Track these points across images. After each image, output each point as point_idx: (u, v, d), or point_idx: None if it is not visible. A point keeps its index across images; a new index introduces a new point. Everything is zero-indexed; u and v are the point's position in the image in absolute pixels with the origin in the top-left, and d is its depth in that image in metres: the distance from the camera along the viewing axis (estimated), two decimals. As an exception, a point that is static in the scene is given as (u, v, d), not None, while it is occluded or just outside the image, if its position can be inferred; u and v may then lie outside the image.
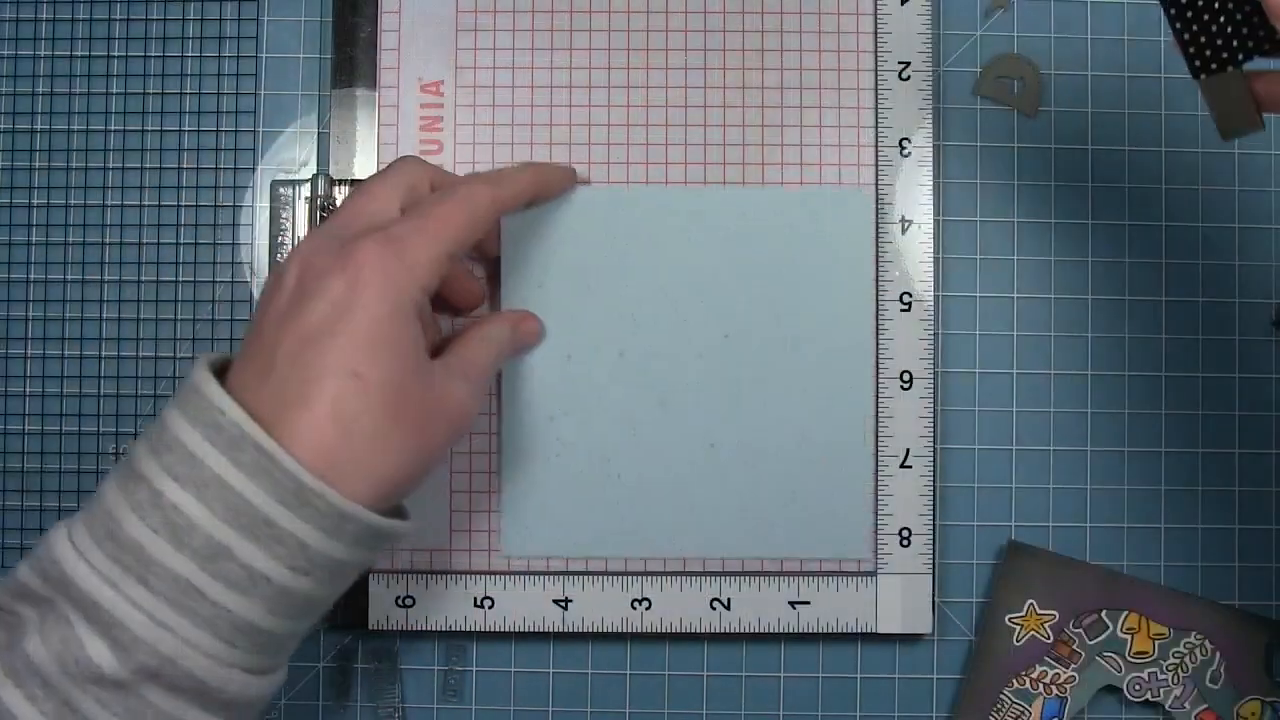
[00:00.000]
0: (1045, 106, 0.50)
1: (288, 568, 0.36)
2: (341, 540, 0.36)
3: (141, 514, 0.35)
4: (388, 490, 0.37)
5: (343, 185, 0.49)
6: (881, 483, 0.48)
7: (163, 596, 0.35)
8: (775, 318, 0.48)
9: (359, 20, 0.49)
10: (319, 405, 0.36)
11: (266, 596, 0.36)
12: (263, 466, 0.35)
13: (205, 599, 0.35)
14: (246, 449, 0.35)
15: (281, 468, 0.35)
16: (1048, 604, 0.48)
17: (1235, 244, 0.50)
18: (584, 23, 0.49)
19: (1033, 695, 0.48)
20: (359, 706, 0.49)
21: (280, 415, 0.36)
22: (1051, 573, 0.48)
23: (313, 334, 0.37)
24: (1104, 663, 0.48)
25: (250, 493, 0.35)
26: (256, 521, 0.35)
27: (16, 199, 0.50)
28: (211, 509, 0.35)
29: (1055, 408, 0.50)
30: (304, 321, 0.37)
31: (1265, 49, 0.38)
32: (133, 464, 0.36)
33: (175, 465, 0.35)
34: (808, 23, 0.49)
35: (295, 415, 0.36)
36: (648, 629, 0.48)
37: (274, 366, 0.37)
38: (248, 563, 0.35)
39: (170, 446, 0.36)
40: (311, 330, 0.37)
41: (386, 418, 0.37)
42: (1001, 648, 0.48)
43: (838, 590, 0.48)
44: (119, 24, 0.50)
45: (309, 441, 0.36)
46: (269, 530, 0.35)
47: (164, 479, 0.35)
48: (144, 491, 0.35)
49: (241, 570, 0.35)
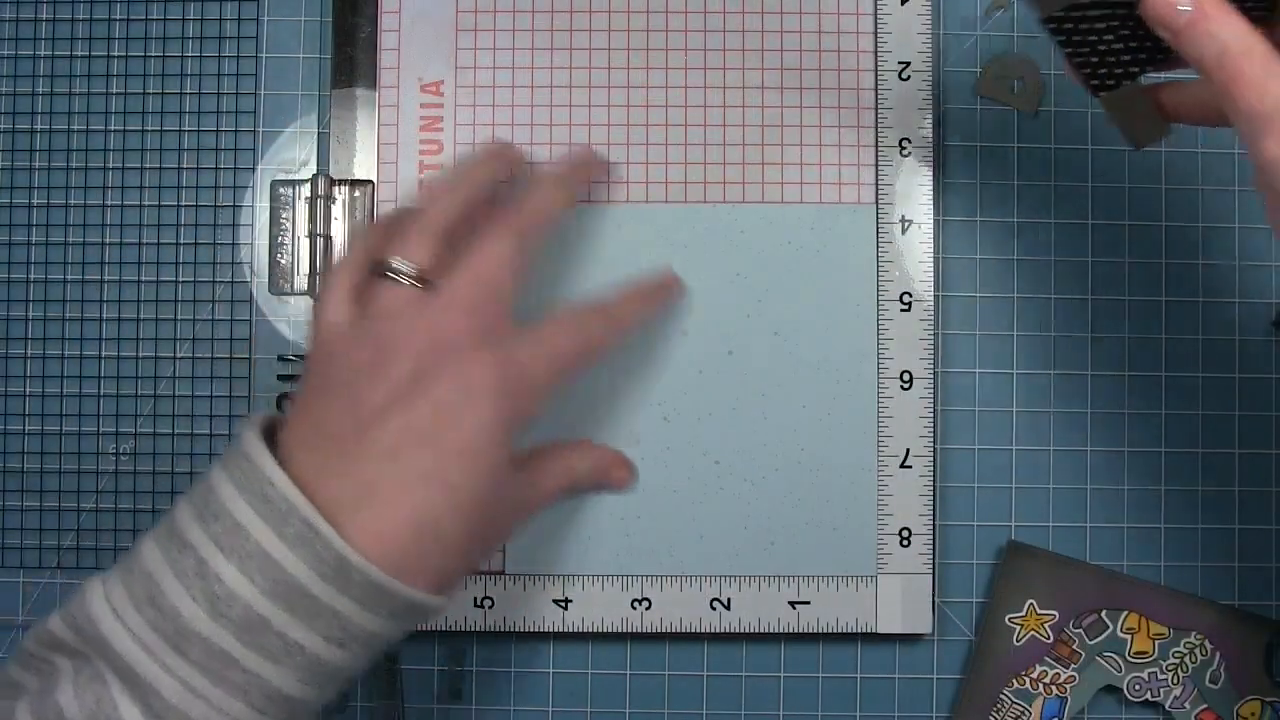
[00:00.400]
0: (1045, 106, 0.50)
1: (324, 639, 0.35)
2: (379, 614, 0.36)
3: (185, 582, 0.35)
4: (441, 585, 0.38)
5: (342, 185, 0.49)
6: (881, 483, 0.48)
7: (198, 665, 0.35)
8: (777, 334, 0.48)
9: (359, 20, 0.49)
10: (402, 508, 0.36)
11: (300, 666, 0.35)
12: (307, 539, 0.35)
13: (240, 667, 0.35)
14: (293, 522, 0.35)
15: (327, 544, 0.35)
16: (1048, 604, 0.48)
17: (1235, 244, 0.50)
18: (584, 23, 0.49)
19: (1033, 695, 0.48)
20: (359, 707, 0.49)
21: (356, 504, 0.36)
22: (1051, 573, 0.48)
23: (413, 435, 0.37)
24: (1104, 663, 0.48)
25: (292, 565, 0.35)
26: (296, 594, 0.35)
27: (16, 199, 0.50)
28: (253, 581, 0.35)
29: (1055, 408, 0.50)
30: (405, 419, 0.37)
31: (1158, 60, 0.39)
32: (176, 526, 0.36)
33: (221, 535, 0.35)
34: (808, 23, 0.49)
35: (374, 510, 0.36)
36: (648, 629, 0.48)
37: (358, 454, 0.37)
38: (285, 633, 0.35)
39: (217, 515, 0.36)
40: (412, 431, 0.37)
41: (464, 531, 0.37)
42: (1001, 648, 0.48)
43: (838, 590, 0.48)
44: (119, 24, 0.50)
45: (381, 537, 0.36)
46: (308, 603, 0.35)
47: (210, 548, 0.35)
48: (190, 559, 0.35)
49: (278, 640, 0.35)
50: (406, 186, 0.49)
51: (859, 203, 0.49)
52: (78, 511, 0.49)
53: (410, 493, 0.37)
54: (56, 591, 0.49)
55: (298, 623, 0.35)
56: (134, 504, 0.49)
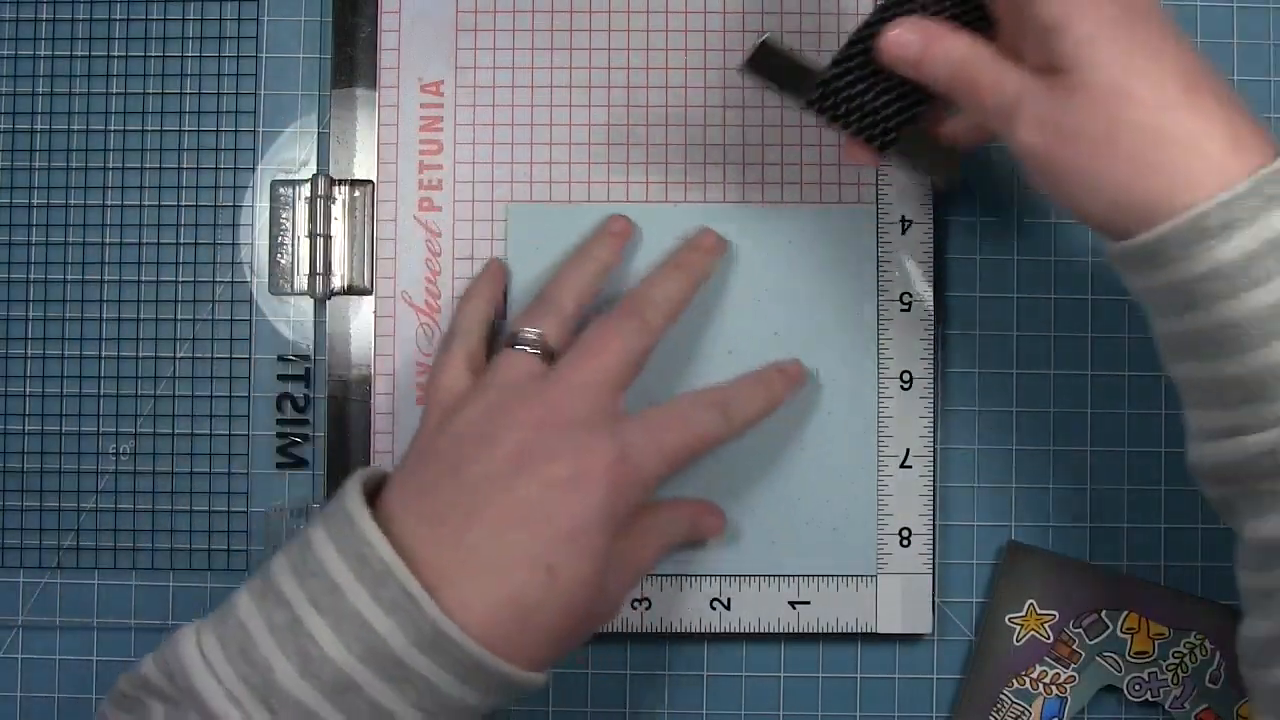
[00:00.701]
0: (1045, 106, 0.50)
1: (414, 708, 0.35)
2: (474, 688, 0.36)
3: (279, 637, 0.35)
4: (538, 663, 0.37)
5: (342, 185, 0.49)
6: (881, 483, 0.48)
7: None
8: (777, 334, 0.48)
9: (359, 20, 0.49)
10: (504, 587, 0.36)
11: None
12: (402, 605, 0.35)
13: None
14: (390, 586, 0.35)
15: (424, 612, 0.35)
16: (1048, 604, 0.48)
17: (1235, 244, 0.50)
18: (584, 23, 0.49)
19: (1033, 695, 0.48)
20: (359, 706, 0.49)
21: (458, 576, 0.36)
22: (1051, 573, 0.48)
23: (519, 512, 0.37)
24: (1104, 663, 0.48)
25: (387, 631, 0.35)
26: (389, 661, 0.35)
27: (16, 199, 0.50)
28: (347, 644, 0.35)
29: (1055, 408, 0.50)
30: (514, 495, 0.37)
31: (921, 100, 0.40)
32: (272, 580, 0.36)
33: (318, 593, 0.35)
34: (808, 23, 0.49)
35: (476, 585, 0.36)
36: (648, 629, 0.48)
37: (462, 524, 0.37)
38: (375, 699, 0.35)
39: (315, 572, 0.35)
40: (519, 507, 0.37)
41: (564, 611, 0.37)
42: (1001, 648, 0.48)
43: (838, 590, 0.48)
44: (119, 24, 0.50)
45: (481, 616, 0.36)
46: (401, 671, 0.35)
47: (305, 606, 0.35)
48: (283, 615, 0.35)
49: (367, 706, 0.35)
50: (407, 186, 0.49)
51: (859, 203, 0.49)
52: (78, 511, 0.49)
53: (512, 571, 0.36)
54: (56, 591, 0.49)
55: (389, 689, 0.35)
56: (134, 504, 0.49)
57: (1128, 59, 0.35)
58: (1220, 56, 0.50)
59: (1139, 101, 0.35)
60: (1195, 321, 0.35)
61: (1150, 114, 0.35)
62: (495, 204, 0.49)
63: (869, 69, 0.40)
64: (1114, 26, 0.35)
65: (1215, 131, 0.34)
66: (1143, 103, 0.35)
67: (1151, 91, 0.35)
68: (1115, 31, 0.35)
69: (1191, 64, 0.35)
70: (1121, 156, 0.35)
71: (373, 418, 0.48)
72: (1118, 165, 0.35)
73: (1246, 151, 0.34)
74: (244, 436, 0.49)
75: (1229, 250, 0.33)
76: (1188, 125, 0.34)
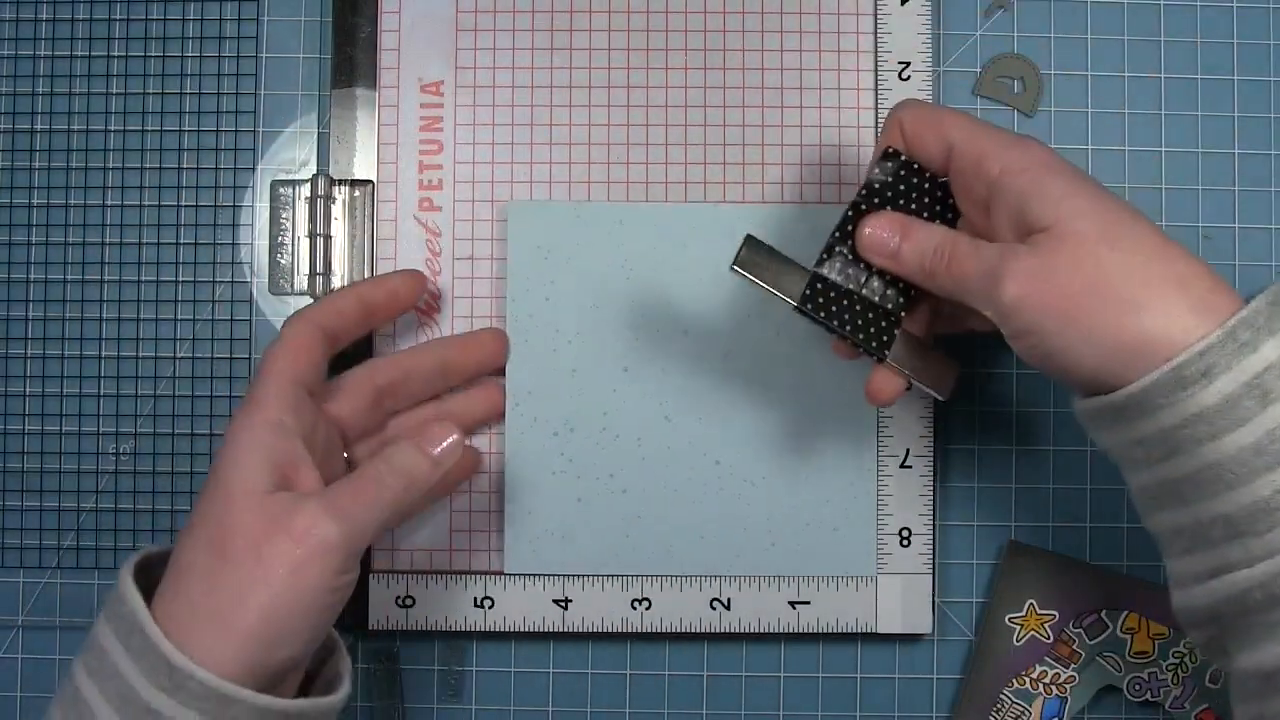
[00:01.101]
0: (1045, 106, 0.50)
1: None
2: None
3: (64, 709, 0.37)
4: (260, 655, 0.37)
5: (342, 185, 0.49)
6: (881, 483, 0.48)
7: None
8: (777, 334, 0.48)
9: (359, 20, 0.49)
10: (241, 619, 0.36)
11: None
12: (145, 648, 0.36)
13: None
14: (136, 633, 0.36)
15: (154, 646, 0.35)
16: (1048, 604, 0.48)
17: (1235, 244, 0.50)
18: (584, 23, 0.49)
19: (1033, 695, 0.48)
20: (359, 707, 0.49)
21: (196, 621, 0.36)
22: (1051, 573, 0.48)
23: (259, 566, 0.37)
24: (1104, 663, 0.48)
25: (134, 677, 0.36)
26: (141, 711, 0.35)
27: (16, 199, 0.50)
28: (109, 700, 0.36)
29: (1055, 408, 0.50)
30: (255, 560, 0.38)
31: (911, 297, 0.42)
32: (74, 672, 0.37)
33: (90, 659, 0.37)
34: (808, 23, 0.49)
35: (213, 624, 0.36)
36: (648, 629, 0.48)
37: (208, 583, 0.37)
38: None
39: (90, 645, 0.37)
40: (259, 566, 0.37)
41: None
42: (1001, 648, 0.48)
43: (838, 590, 0.48)
44: (119, 24, 0.50)
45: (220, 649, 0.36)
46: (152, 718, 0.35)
47: (81, 674, 0.37)
48: (68, 687, 0.37)
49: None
50: (407, 186, 0.49)
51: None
52: (78, 511, 0.49)
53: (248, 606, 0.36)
54: (57, 591, 0.49)
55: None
56: (134, 504, 0.49)
57: (1106, 211, 0.37)
58: (1220, 56, 0.50)
59: (1124, 247, 0.36)
60: (1178, 468, 0.36)
61: (1135, 257, 0.36)
62: (495, 204, 0.49)
63: (851, 267, 0.41)
64: (1083, 185, 0.38)
65: (1195, 276, 0.36)
66: (1128, 248, 0.36)
67: (1133, 239, 0.37)
68: (1086, 189, 0.38)
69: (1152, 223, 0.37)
70: (1111, 298, 0.36)
71: (373, 418, 0.48)
72: (1108, 307, 0.36)
73: (1222, 296, 0.36)
74: (244, 436, 0.49)
75: (1210, 395, 0.34)
76: (1174, 267, 0.36)
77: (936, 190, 0.41)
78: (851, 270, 0.41)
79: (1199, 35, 0.50)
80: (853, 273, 0.41)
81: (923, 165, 0.41)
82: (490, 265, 0.49)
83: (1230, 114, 0.50)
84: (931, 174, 0.41)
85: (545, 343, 0.48)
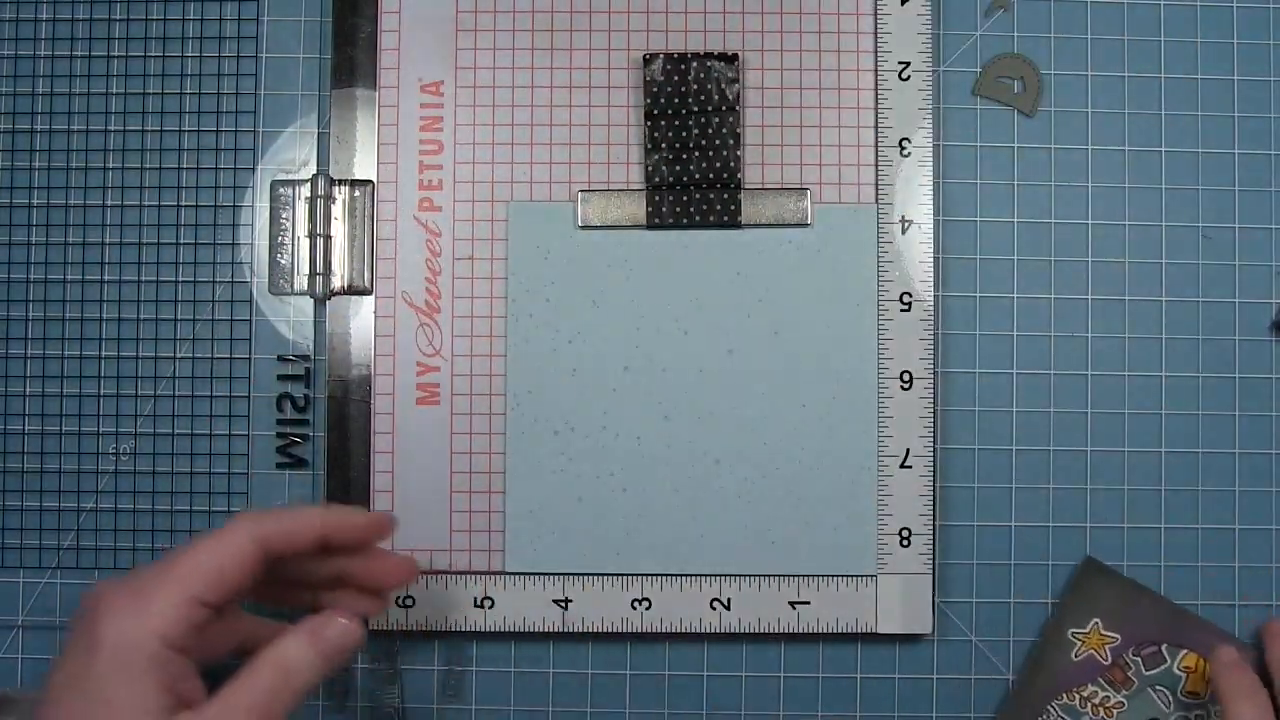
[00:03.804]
0: (1045, 106, 0.50)
1: None
2: None
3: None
4: None
5: (342, 185, 0.49)
6: (881, 483, 0.48)
7: None
8: (777, 334, 0.48)
9: (359, 20, 0.49)
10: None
11: None
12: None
13: None
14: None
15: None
16: (1112, 626, 0.48)
17: (1235, 244, 0.50)
18: (584, 23, 0.49)
19: (1079, 714, 0.48)
20: (359, 707, 0.49)
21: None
22: (1122, 597, 0.48)
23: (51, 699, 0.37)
24: (1155, 695, 0.48)
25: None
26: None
27: (16, 199, 0.50)
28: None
29: (1055, 408, 0.50)
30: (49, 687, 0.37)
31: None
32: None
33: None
34: (808, 23, 0.49)
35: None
36: (648, 629, 0.48)
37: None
38: None
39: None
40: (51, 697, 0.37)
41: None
42: (1060, 659, 0.48)
43: (838, 590, 0.48)
44: (119, 24, 0.50)
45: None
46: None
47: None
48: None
49: None
50: (407, 186, 0.49)
51: (859, 203, 0.49)
52: (78, 511, 0.49)
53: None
54: (57, 591, 0.49)
55: None
56: (134, 504, 0.49)
57: None
58: (1220, 56, 0.50)
59: None
60: None
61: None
62: (495, 204, 0.49)
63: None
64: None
65: None
66: None
67: None
68: None
69: None
70: None
71: (373, 418, 0.49)
72: None
73: None
74: (244, 436, 0.49)
75: None
76: None
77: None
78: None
79: (1199, 35, 0.50)
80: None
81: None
82: (490, 265, 0.49)
83: (1230, 114, 0.50)
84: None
85: (545, 343, 0.48)
